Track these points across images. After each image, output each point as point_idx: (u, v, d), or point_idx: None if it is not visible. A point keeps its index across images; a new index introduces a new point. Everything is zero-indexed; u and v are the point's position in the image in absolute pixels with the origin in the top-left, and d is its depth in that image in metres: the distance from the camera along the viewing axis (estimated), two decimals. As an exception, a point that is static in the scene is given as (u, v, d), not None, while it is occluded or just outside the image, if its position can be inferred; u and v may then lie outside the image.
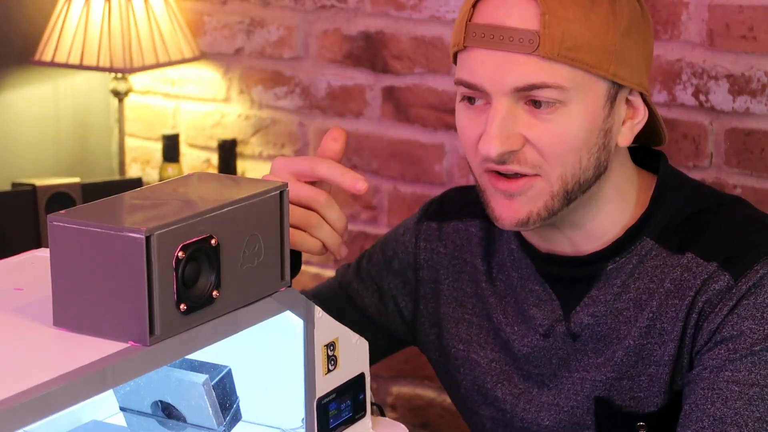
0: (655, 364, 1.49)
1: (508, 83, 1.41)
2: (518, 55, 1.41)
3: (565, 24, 1.40)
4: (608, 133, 1.46)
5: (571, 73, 1.41)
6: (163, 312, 1.05)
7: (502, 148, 1.42)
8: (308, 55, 2.70)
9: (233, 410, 1.20)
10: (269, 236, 1.16)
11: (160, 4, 2.73)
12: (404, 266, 1.68)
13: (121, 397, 1.22)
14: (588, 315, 1.51)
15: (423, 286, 1.66)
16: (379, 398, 2.71)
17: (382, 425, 1.30)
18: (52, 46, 2.69)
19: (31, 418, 0.95)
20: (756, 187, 2.24)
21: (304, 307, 1.19)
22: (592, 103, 1.44)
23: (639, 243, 1.50)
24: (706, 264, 1.46)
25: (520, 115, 1.43)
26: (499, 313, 1.58)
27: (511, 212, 1.46)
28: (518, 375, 1.57)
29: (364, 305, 1.70)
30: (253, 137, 2.80)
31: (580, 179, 1.45)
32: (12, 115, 2.79)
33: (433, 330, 1.66)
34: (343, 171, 1.37)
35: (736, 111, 2.23)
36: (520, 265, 1.57)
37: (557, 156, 1.43)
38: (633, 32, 1.45)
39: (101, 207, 1.10)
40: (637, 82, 1.46)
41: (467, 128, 1.47)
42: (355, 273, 1.72)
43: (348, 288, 1.71)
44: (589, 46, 1.41)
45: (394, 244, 1.69)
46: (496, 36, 1.42)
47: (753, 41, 2.20)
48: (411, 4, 2.56)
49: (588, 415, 1.52)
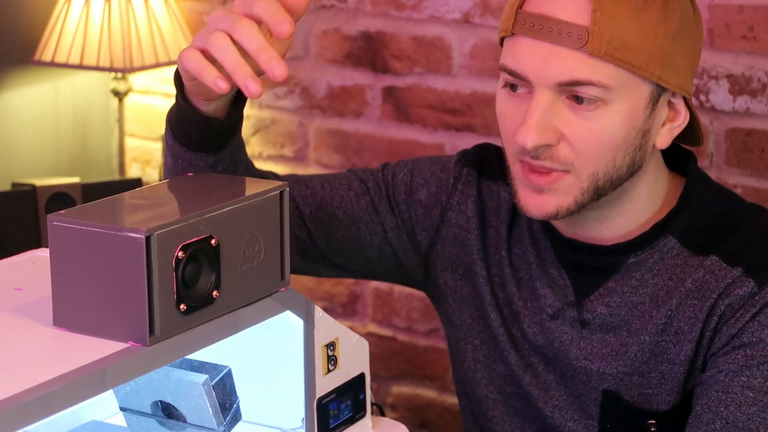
0: (669, 362, 1.49)
1: (552, 76, 1.41)
2: (565, 49, 1.40)
3: (615, 23, 1.40)
4: (647, 134, 1.46)
5: (617, 72, 1.41)
6: (163, 312, 1.05)
7: (539, 141, 1.41)
8: (308, 55, 2.70)
9: (233, 410, 1.20)
10: (269, 236, 1.16)
11: (160, 4, 2.73)
12: (433, 201, 1.64)
13: (121, 397, 1.22)
14: (603, 305, 1.51)
15: (447, 228, 1.63)
16: (379, 398, 2.71)
17: (382, 425, 1.30)
18: (52, 46, 2.69)
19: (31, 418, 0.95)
20: (756, 187, 2.24)
21: (304, 307, 1.18)
22: (634, 104, 1.43)
23: (662, 240, 1.50)
24: (731, 269, 1.47)
25: (561, 110, 1.42)
26: (513, 285, 1.58)
27: (539, 204, 1.45)
28: (526, 347, 1.57)
29: (385, 225, 1.65)
30: (253, 137, 2.80)
31: (613, 177, 1.45)
32: (12, 115, 2.79)
33: (444, 274, 1.64)
34: (276, 15, 1.21)
35: (736, 111, 2.23)
36: (539, 246, 1.56)
37: (592, 154, 1.43)
38: (683, 36, 1.44)
39: (101, 207, 1.10)
40: (681, 86, 1.45)
41: (507, 116, 1.46)
42: (382, 187, 1.65)
43: (374, 199, 1.65)
44: (637, 48, 1.40)
45: (428, 175, 1.65)
46: (545, 27, 1.41)
47: (753, 41, 2.20)
48: (411, 4, 2.56)
49: (594, 406, 1.53)
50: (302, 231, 1.62)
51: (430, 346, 2.66)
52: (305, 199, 1.62)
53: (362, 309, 2.74)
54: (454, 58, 2.53)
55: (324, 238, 1.63)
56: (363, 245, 1.65)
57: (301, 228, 1.62)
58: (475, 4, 2.50)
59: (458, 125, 2.54)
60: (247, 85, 1.20)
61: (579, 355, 1.53)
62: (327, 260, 1.66)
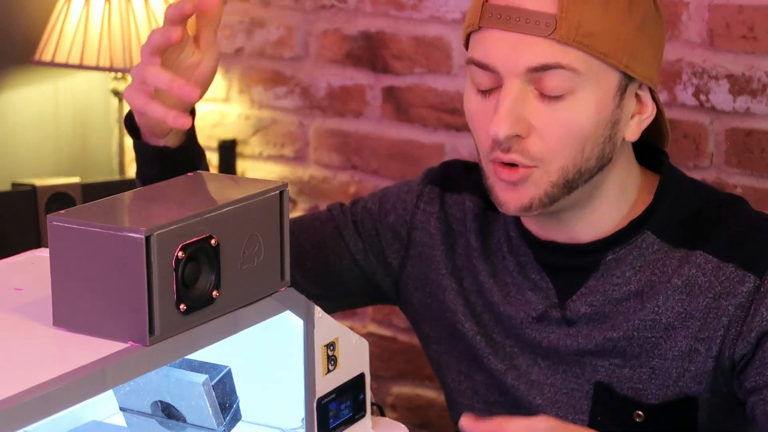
0: (660, 357, 1.49)
1: (521, 63, 1.42)
2: (534, 37, 1.41)
3: (582, 10, 1.41)
4: (616, 125, 1.47)
5: (585, 58, 1.42)
6: (163, 312, 1.05)
7: (511, 131, 1.42)
8: (308, 55, 2.70)
9: (233, 410, 1.20)
10: (269, 236, 1.16)
11: (160, 4, 2.73)
12: (400, 223, 1.67)
13: (121, 397, 1.22)
14: (585, 304, 1.52)
15: (414, 247, 1.66)
16: (379, 398, 2.71)
17: (382, 425, 1.30)
18: (52, 46, 2.69)
19: (31, 418, 0.95)
20: (756, 187, 2.24)
21: (304, 307, 1.18)
22: (603, 92, 1.44)
23: (640, 236, 1.51)
24: (723, 264, 1.47)
25: (530, 101, 1.43)
26: (495, 292, 1.58)
27: (514, 198, 1.46)
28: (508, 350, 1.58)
29: (351, 248, 1.69)
30: (253, 137, 2.80)
31: (582, 168, 1.46)
32: (12, 115, 2.79)
33: (416, 294, 1.66)
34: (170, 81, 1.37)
35: (736, 111, 2.23)
36: (518, 252, 1.57)
37: (561, 146, 1.44)
38: (648, 27, 1.46)
39: (101, 207, 1.10)
40: (648, 77, 1.47)
41: (476, 114, 1.47)
42: (349, 214, 1.70)
43: (339, 225, 1.70)
44: (604, 35, 1.42)
45: (394, 199, 1.68)
46: (513, 17, 1.42)
47: (753, 41, 2.20)
48: (411, 4, 2.56)
49: (585, 399, 1.53)
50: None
51: (430, 346, 2.66)
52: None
53: (362, 309, 2.74)
54: (454, 58, 2.53)
55: (299, 270, 1.67)
56: (334, 271, 1.69)
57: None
58: (475, 4, 2.49)
59: (458, 125, 2.54)
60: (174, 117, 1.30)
61: (569, 351, 1.53)
62: (308, 291, 1.68)
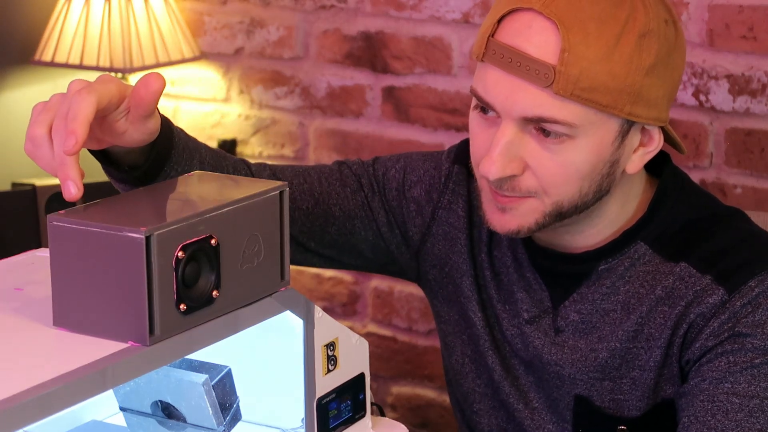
0: (640, 368, 1.49)
1: (518, 110, 1.40)
2: (532, 86, 1.39)
3: (584, 63, 1.38)
4: (615, 163, 1.45)
5: (584, 111, 1.40)
6: (163, 312, 1.05)
7: (502, 173, 1.42)
8: (308, 55, 2.71)
9: (233, 410, 1.20)
10: (269, 236, 1.16)
11: (160, 4, 2.73)
12: (425, 199, 1.65)
13: (121, 397, 1.22)
14: (575, 311, 1.52)
15: (437, 225, 1.64)
16: (379, 398, 2.71)
17: (382, 425, 1.30)
18: (52, 46, 2.69)
19: (31, 418, 0.95)
20: (756, 187, 2.24)
21: (304, 307, 1.18)
22: (602, 138, 1.42)
23: (633, 246, 1.50)
24: (701, 276, 1.46)
25: (527, 141, 1.42)
26: (493, 287, 1.59)
27: (502, 221, 1.47)
28: (506, 350, 1.58)
29: (378, 221, 1.66)
30: (253, 137, 2.80)
31: (578, 204, 1.45)
32: (12, 115, 2.79)
33: (433, 271, 1.65)
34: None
35: (736, 111, 2.23)
36: (516, 249, 1.57)
37: (556, 185, 1.43)
38: (659, 68, 1.42)
39: (101, 207, 1.10)
40: (654, 117, 1.44)
41: (477, 135, 1.47)
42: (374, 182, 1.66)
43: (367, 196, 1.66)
44: (605, 88, 1.39)
45: (420, 173, 1.66)
46: (514, 60, 1.40)
47: (753, 41, 2.20)
48: (411, 4, 2.56)
49: (567, 411, 1.53)
50: (297, 224, 1.63)
51: (430, 346, 2.66)
52: (303, 194, 1.63)
53: (362, 309, 2.74)
54: (454, 58, 2.53)
55: (318, 233, 1.64)
56: (356, 240, 1.66)
57: (297, 221, 1.63)
58: (475, 4, 2.50)
59: (458, 125, 2.54)
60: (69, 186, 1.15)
61: (551, 360, 1.53)
62: (319, 253, 1.67)
